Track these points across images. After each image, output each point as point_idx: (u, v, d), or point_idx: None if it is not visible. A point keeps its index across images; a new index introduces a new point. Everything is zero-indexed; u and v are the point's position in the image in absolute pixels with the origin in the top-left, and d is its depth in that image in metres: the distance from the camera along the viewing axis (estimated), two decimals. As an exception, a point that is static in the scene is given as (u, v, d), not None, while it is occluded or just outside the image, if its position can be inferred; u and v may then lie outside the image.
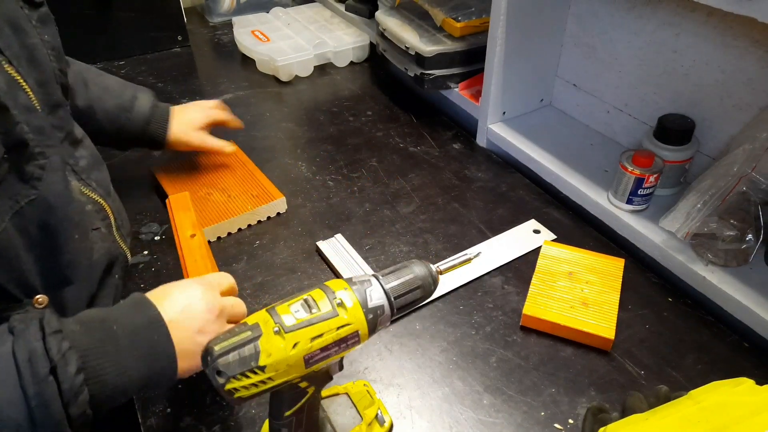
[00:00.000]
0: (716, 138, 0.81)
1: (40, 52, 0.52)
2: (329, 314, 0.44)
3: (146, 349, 0.44)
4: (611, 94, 0.95)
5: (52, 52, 0.54)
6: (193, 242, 0.67)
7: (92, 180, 0.59)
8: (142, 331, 0.45)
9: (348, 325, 0.44)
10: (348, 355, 0.67)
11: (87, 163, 0.58)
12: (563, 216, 0.88)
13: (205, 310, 0.48)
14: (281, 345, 0.42)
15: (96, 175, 0.60)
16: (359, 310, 0.45)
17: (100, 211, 0.59)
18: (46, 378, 0.38)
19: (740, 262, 0.72)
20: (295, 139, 1.08)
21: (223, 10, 1.56)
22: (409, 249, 0.82)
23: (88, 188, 0.58)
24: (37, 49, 0.52)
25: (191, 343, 0.47)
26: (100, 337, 0.42)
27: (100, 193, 0.59)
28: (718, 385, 0.44)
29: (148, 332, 0.45)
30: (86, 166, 0.58)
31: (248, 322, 0.44)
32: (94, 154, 0.62)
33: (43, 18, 0.54)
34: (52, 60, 0.54)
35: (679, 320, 0.71)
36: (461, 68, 1.08)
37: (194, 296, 0.49)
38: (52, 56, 0.54)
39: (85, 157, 0.59)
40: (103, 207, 0.59)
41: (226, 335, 0.43)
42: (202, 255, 0.65)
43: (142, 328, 0.45)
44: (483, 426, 0.60)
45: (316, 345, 0.43)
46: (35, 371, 0.38)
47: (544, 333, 0.70)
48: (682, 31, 0.80)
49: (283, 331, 0.42)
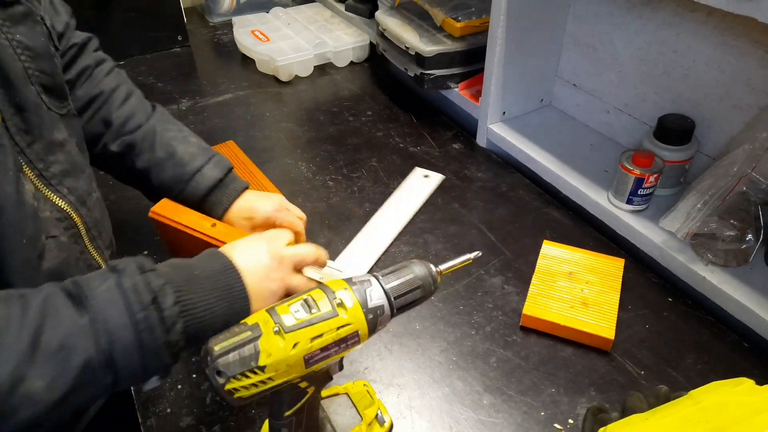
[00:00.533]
0: (716, 138, 0.81)
1: (4, 52, 0.51)
2: (329, 314, 0.44)
3: (225, 290, 0.49)
4: (611, 94, 0.95)
5: (26, 52, 0.53)
6: (220, 227, 0.63)
7: (64, 187, 0.57)
8: (220, 276, 0.50)
9: (348, 325, 0.44)
10: (348, 355, 0.67)
11: (60, 169, 0.56)
12: (563, 216, 0.88)
13: (269, 258, 0.54)
14: (281, 345, 0.42)
15: (70, 182, 0.58)
16: (359, 310, 0.45)
17: (65, 219, 0.57)
18: (149, 305, 0.43)
19: (740, 262, 0.72)
20: (295, 139, 1.08)
21: (223, 10, 1.56)
22: (409, 249, 0.82)
23: (57, 195, 0.56)
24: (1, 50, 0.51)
25: (260, 288, 0.52)
26: (187, 278, 0.48)
27: (71, 201, 0.57)
28: (718, 385, 0.43)
29: (225, 277, 0.50)
30: (58, 172, 0.56)
31: (248, 323, 0.44)
32: (74, 162, 0.59)
33: (16, 17, 0.53)
34: (24, 60, 0.53)
35: (679, 320, 0.71)
36: (461, 68, 1.08)
37: (259, 248, 0.55)
38: (25, 56, 0.53)
39: (60, 162, 0.57)
40: (69, 215, 0.57)
41: (226, 335, 0.43)
42: (241, 232, 0.64)
43: (219, 273, 0.50)
44: (483, 426, 0.60)
45: (316, 345, 0.43)
46: (141, 299, 0.43)
47: (544, 333, 0.70)
48: (682, 31, 0.80)
49: (283, 331, 0.42)
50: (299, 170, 0.99)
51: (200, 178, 0.69)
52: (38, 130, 0.54)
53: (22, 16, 0.53)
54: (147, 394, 0.63)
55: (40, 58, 0.55)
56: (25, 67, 0.53)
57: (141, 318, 0.43)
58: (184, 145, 0.71)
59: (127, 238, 0.83)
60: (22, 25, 0.53)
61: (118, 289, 0.44)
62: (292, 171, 0.99)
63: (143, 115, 0.70)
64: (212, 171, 0.70)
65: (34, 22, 0.55)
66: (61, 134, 0.58)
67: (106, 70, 0.71)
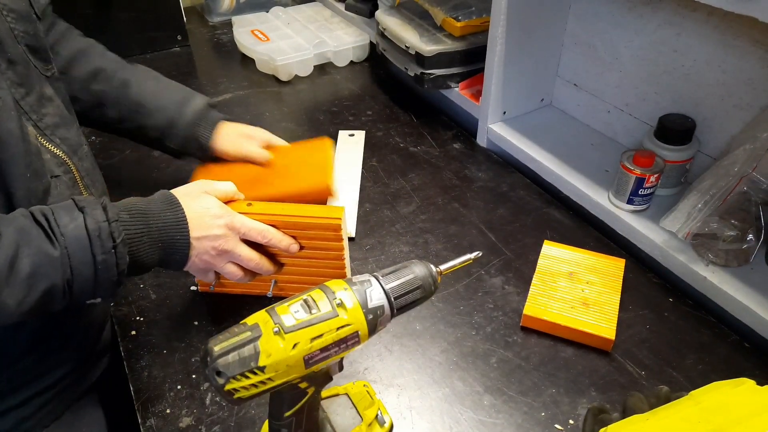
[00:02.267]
0: (717, 138, 0.81)
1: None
2: (329, 315, 0.44)
3: (168, 243, 0.58)
4: (612, 93, 0.95)
5: (11, 14, 0.56)
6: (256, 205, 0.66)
7: (56, 137, 0.60)
8: (170, 229, 0.58)
9: (348, 325, 0.44)
10: (348, 356, 0.67)
11: (53, 121, 0.60)
12: (564, 216, 0.88)
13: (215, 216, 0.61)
14: (281, 345, 0.42)
15: (62, 132, 0.61)
16: (359, 311, 0.45)
17: (62, 165, 0.60)
18: (110, 251, 0.52)
19: (741, 262, 0.72)
20: (295, 139, 1.07)
21: (223, 9, 1.55)
22: (409, 249, 0.82)
23: (51, 143, 0.59)
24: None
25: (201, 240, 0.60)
26: (142, 228, 0.56)
27: (64, 150, 0.61)
28: (719, 385, 0.43)
29: (174, 231, 0.58)
30: (51, 123, 0.60)
31: (248, 323, 0.43)
32: (64, 115, 0.63)
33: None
34: (10, 21, 0.56)
35: (680, 320, 0.71)
36: (461, 68, 1.08)
37: (210, 204, 0.61)
38: (10, 18, 0.56)
39: (51, 114, 0.60)
40: (65, 161, 0.61)
41: (226, 335, 0.42)
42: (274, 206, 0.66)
43: (170, 226, 0.58)
44: (483, 426, 0.60)
45: (316, 345, 0.43)
46: (103, 244, 0.52)
47: (545, 333, 0.70)
48: (682, 31, 0.80)
49: (282, 332, 0.42)
50: (299, 170, 0.99)
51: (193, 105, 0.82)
52: (29, 83, 0.58)
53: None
54: (146, 394, 0.63)
55: (24, 20, 0.58)
56: (11, 27, 0.56)
57: (101, 260, 0.51)
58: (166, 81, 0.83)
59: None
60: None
61: (85, 230, 0.51)
62: (292, 171, 0.99)
63: (121, 65, 0.81)
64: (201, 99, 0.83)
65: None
66: (49, 91, 0.61)
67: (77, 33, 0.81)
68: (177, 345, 0.69)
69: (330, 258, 0.69)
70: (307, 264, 0.70)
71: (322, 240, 0.66)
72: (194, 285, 0.76)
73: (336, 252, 0.68)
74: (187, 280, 0.77)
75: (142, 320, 0.72)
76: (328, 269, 0.70)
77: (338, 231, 0.65)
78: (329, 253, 0.68)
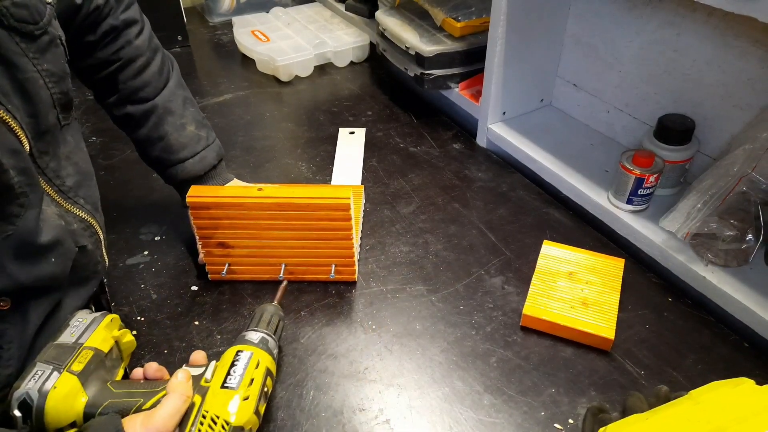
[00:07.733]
0: (717, 138, 0.81)
1: (35, 84, 0.51)
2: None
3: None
4: (611, 93, 0.95)
5: (52, 79, 0.54)
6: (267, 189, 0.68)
7: (80, 197, 0.59)
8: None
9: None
10: (348, 356, 0.67)
11: (74, 181, 0.58)
12: (563, 216, 0.88)
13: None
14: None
15: (83, 192, 0.60)
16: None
17: (88, 228, 0.60)
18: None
19: (740, 262, 0.72)
20: (295, 139, 1.08)
21: (223, 10, 1.56)
22: (409, 249, 0.82)
23: (75, 206, 0.58)
24: (30, 81, 0.51)
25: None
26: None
27: (88, 210, 0.60)
28: (719, 385, 0.44)
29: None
30: (74, 184, 0.58)
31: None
32: (82, 170, 0.61)
33: (43, 47, 0.52)
34: (51, 87, 0.54)
35: (680, 320, 0.71)
36: (461, 68, 1.08)
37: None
38: (51, 83, 0.54)
39: (72, 175, 0.58)
40: (90, 224, 0.60)
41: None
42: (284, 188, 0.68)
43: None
44: (483, 426, 0.60)
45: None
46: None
47: (545, 333, 0.70)
48: (682, 31, 0.80)
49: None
50: (299, 170, 0.99)
51: (181, 169, 0.76)
52: (53, 149, 0.56)
53: (48, 44, 0.53)
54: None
55: (62, 80, 0.56)
56: (52, 93, 0.54)
57: None
58: (177, 134, 0.75)
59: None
60: (49, 53, 0.53)
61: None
62: (292, 171, 0.99)
63: (152, 90, 0.73)
64: (194, 166, 0.76)
65: (56, 46, 0.55)
66: (67, 147, 0.59)
67: (134, 33, 0.71)
68: (178, 345, 0.69)
69: (339, 238, 0.71)
70: (316, 245, 0.72)
71: (331, 220, 0.69)
72: (194, 285, 0.76)
73: (345, 232, 0.70)
74: (187, 280, 0.77)
75: (142, 320, 0.72)
76: (337, 250, 0.72)
77: (347, 210, 0.67)
78: (338, 233, 0.70)
